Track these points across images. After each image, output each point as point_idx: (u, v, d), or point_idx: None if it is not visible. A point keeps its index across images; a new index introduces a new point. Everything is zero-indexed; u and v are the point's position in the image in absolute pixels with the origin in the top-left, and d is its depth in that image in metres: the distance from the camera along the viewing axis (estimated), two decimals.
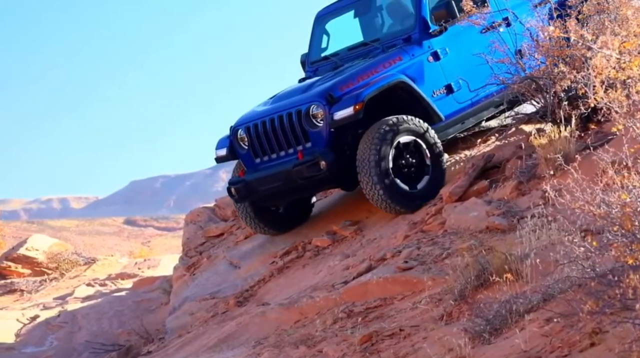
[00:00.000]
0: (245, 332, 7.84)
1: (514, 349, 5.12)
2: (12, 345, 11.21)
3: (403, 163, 8.88)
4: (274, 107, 9.24)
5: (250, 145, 9.26)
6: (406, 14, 9.75)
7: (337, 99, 8.88)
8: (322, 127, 8.88)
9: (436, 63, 9.36)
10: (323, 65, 10.01)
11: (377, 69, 9.14)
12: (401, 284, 7.32)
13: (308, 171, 8.82)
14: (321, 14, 10.32)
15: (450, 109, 9.36)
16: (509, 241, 6.82)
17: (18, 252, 16.39)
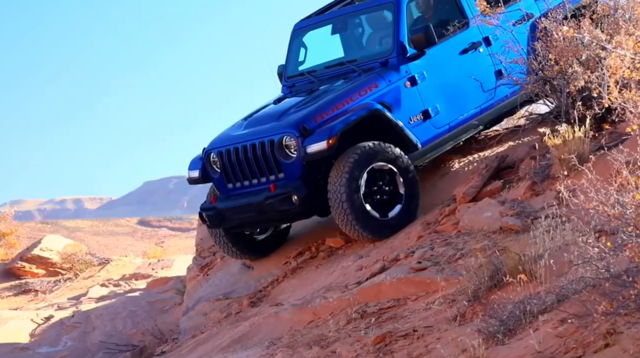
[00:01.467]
0: (258, 332, 7.84)
1: (528, 350, 5.11)
2: (26, 345, 11.25)
3: (375, 189, 8.75)
4: (248, 133, 9.04)
5: (222, 170, 9.10)
6: (385, 34, 9.52)
7: (311, 131, 8.72)
8: (295, 159, 8.73)
9: (413, 88, 9.17)
10: (300, 81, 9.79)
11: (352, 97, 8.95)
12: (415, 285, 7.32)
13: (280, 205, 8.70)
14: (299, 27, 10.05)
15: (427, 135, 9.20)
16: (522, 242, 6.80)
17: (32, 253, 16.44)
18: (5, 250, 18.39)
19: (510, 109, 9.75)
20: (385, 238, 8.72)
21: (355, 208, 8.59)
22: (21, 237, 20.43)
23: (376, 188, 8.76)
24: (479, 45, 9.49)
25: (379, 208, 8.76)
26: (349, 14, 9.84)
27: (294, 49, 10.01)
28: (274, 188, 8.71)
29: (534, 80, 8.97)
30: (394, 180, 8.82)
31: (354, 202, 8.59)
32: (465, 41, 9.45)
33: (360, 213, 8.63)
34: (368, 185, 8.69)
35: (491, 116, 9.61)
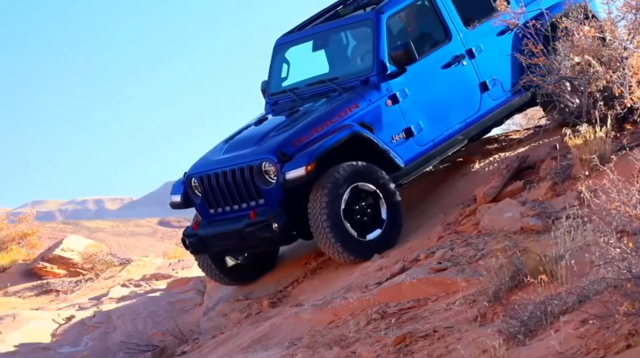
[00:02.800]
0: (278, 332, 7.85)
1: (549, 351, 5.09)
2: (48, 345, 11.29)
3: (357, 211, 8.62)
4: (227, 158, 8.91)
5: (204, 196, 8.96)
6: (365, 52, 9.33)
7: (290, 156, 8.58)
8: (274, 185, 8.60)
9: (395, 107, 9.00)
10: (283, 99, 9.60)
11: (332, 118, 8.79)
12: (435, 285, 7.31)
13: (260, 232, 8.58)
14: (280, 42, 9.84)
15: (411, 154, 9.05)
16: (543, 242, 6.78)
17: (54, 253, 16.51)
18: (27, 251, 18.48)
19: (497, 120, 9.60)
20: (367, 259, 8.54)
21: (336, 230, 8.46)
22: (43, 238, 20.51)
23: (357, 209, 8.60)
24: (462, 58, 9.29)
25: (360, 230, 8.61)
26: (329, 31, 9.65)
27: (276, 65, 9.82)
28: (254, 215, 8.59)
29: (555, 80, 8.94)
30: (376, 200, 8.67)
31: (335, 225, 8.45)
32: (448, 55, 9.27)
33: (341, 235, 8.50)
34: (349, 207, 8.54)
35: (477, 129, 9.41)
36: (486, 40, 9.42)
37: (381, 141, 8.85)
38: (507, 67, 9.43)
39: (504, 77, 9.43)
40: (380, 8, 9.21)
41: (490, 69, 9.35)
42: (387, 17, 9.17)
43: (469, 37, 9.37)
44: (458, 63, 9.28)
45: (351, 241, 8.58)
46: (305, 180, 8.50)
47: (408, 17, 9.49)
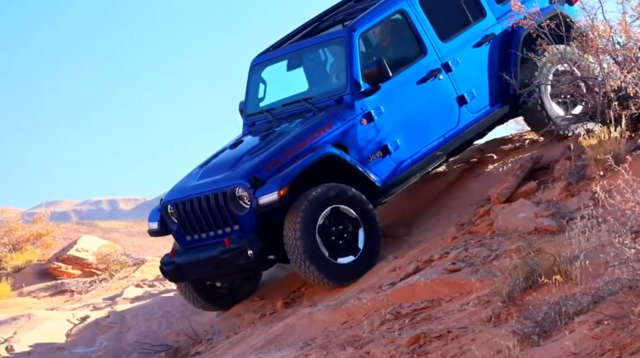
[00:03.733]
0: (292, 333, 7.85)
1: (563, 351, 5.08)
2: (63, 345, 11.32)
3: (333, 234, 8.48)
4: (202, 184, 8.81)
5: (180, 222, 8.88)
6: (339, 70, 9.17)
7: (262, 181, 8.46)
8: (248, 210, 8.47)
9: (370, 125, 8.84)
10: (260, 119, 9.46)
11: (306, 140, 8.66)
12: (449, 286, 7.30)
13: (235, 259, 8.46)
14: (256, 62, 9.70)
15: (389, 172, 8.90)
16: (558, 242, 6.76)
17: (68, 253, 16.54)
18: (41, 251, 18.53)
19: (477, 134, 9.47)
20: (347, 283, 8.43)
21: (311, 255, 8.32)
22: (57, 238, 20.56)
23: (334, 232, 8.47)
24: (438, 72, 9.13)
25: (338, 253, 8.49)
26: (302, 50, 9.49)
27: (253, 85, 9.69)
28: (229, 242, 8.48)
29: (570, 80, 8.92)
30: (353, 222, 8.54)
31: (311, 250, 8.32)
32: (423, 70, 9.11)
33: (317, 260, 8.36)
34: (325, 230, 8.42)
35: (457, 144, 9.27)
36: (463, 52, 9.25)
37: (357, 161, 8.70)
38: (485, 79, 9.27)
39: (482, 89, 9.28)
40: (353, 25, 9.04)
41: (468, 82, 9.19)
42: (360, 34, 9.00)
43: (445, 51, 9.20)
44: (434, 77, 9.11)
45: (328, 266, 8.42)
46: (278, 205, 8.37)
47: (383, 33, 9.32)
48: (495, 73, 9.30)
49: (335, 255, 8.49)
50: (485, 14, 9.41)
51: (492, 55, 9.33)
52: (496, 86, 9.31)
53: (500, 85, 9.29)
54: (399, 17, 9.20)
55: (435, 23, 9.23)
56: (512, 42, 9.30)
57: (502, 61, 9.30)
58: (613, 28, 8.58)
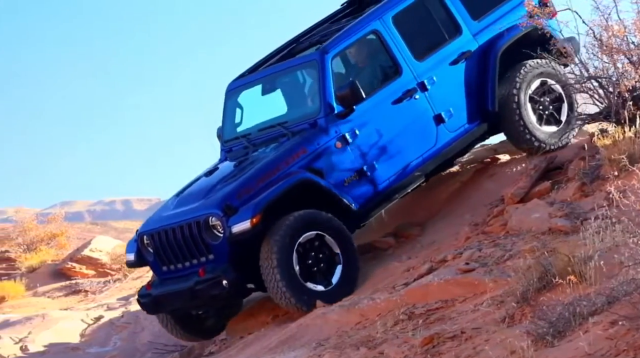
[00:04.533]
0: (306, 333, 7.85)
1: (577, 352, 5.07)
2: (77, 345, 11.35)
3: (311, 260, 8.31)
4: (176, 213, 8.67)
5: (155, 253, 8.73)
6: (313, 93, 8.99)
7: (235, 209, 8.28)
8: (222, 239, 8.29)
9: (345, 148, 8.69)
10: (236, 145, 9.30)
11: (279, 166, 8.51)
12: (462, 286, 7.29)
13: (210, 289, 8.30)
14: (232, 87, 9.53)
15: (366, 195, 8.74)
16: (572, 243, 6.74)
17: (82, 253, 16.59)
18: (55, 251, 18.59)
19: (457, 153, 9.32)
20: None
21: (289, 284, 8.17)
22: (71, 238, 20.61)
23: (311, 259, 8.31)
24: (414, 92, 8.97)
25: (319, 280, 8.34)
26: (275, 74, 9.33)
27: (229, 111, 9.52)
28: (203, 272, 8.33)
29: (584, 79, 8.89)
30: (329, 247, 8.37)
31: (288, 277, 8.15)
32: (399, 90, 8.94)
33: (295, 287, 8.19)
34: (302, 257, 8.26)
35: (436, 163, 9.12)
36: (439, 71, 9.10)
37: (332, 185, 8.55)
38: (463, 96, 9.14)
39: (460, 107, 9.14)
40: (325, 47, 8.89)
41: (445, 100, 9.05)
42: (333, 57, 8.85)
43: (420, 70, 9.05)
44: (410, 97, 8.95)
45: (306, 293, 8.25)
46: (252, 233, 8.21)
47: (357, 54, 9.18)
48: (473, 90, 9.15)
49: (308, 280, 8.31)
50: (461, 31, 9.23)
51: (469, 72, 9.18)
52: (474, 103, 9.17)
53: (478, 102, 9.15)
54: (372, 37, 9.06)
55: (409, 42, 9.08)
56: (489, 58, 9.18)
57: (480, 77, 9.17)
58: (627, 28, 8.54)
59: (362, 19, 9.12)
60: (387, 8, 9.14)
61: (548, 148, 9.25)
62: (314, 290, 8.29)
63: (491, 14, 9.41)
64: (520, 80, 9.18)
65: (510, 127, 9.28)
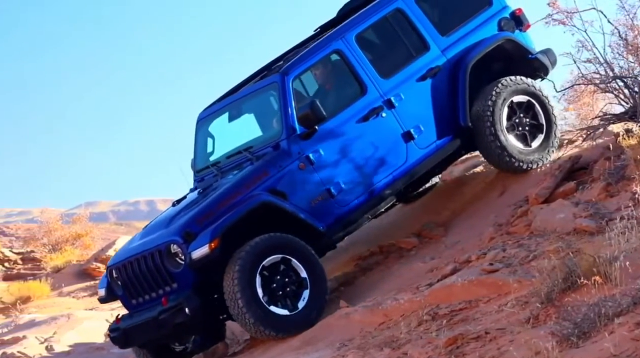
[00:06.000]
0: (329, 334, 7.86)
1: (603, 353, 5.05)
2: (101, 345, 11.41)
3: (276, 284, 8.13)
4: (140, 244, 8.58)
5: (123, 286, 8.62)
6: (276, 116, 8.85)
7: (195, 235, 8.15)
8: (184, 267, 8.16)
9: (309, 169, 8.52)
10: (207, 174, 9.16)
11: (240, 190, 8.36)
12: (487, 287, 7.27)
13: (174, 318, 8.13)
14: (202, 117, 9.44)
15: (333, 216, 8.57)
16: (597, 243, 6.71)
17: (107, 254, 16.68)
18: (80, 251, 18.70)
19: (430, 170, 9.15)
20: (292, 335, 8.09)
21: (253, 310, 8.00)
22: (96, 238, 20.74)
23: (275, 284, 8.12)
24: (380, 110, 8.81)
25: (285, 304, 8.16)
26: (239, 100, 9.21)
27: (201, 140, 9.44)
28: (166, 301, 8.19)
29: (609, 79, 8.85)
30: (296, 271, 8.20)
31: (251, 301, 7.99)
32: (364, 108, 8.79)
33: (259, 314, 8.03)
34: (266, 281, 8.09)
35: (407, 181, 8.96)
36: (406, 87, 8.95)
37: (296, 207, 8.41)
38: (433, 112, 8.97)
39: (429, 123, 8.96)
40: (285, 69, 8.77)
41: (413, 117, 8.89)
42: (293, 78, 8.73)
43: (386, 87, 8.90)
44: (376, 115, 8.79)
45: (271, 318, 8.07)
46: (211, 258, 8.04)
47: (322, 74, 9.06)
48: (444, 106, 9.00)
49: (273, 304, 8.13)
50: (429, 47, 9.08)
51: (439, 88, 9.02)
52: (446, 119, 9.01)
53: (450, 117, 9.00)
54: (335, 57, 8.94)
55: (374, 60, 8.95)
56: (459, 73, 9.02)
57: (451, 93, 9.03)
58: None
59: (324, 39, 8.98)
60: (349, 27, 9.00)
61: (526, 166, 9.10)
62: (278, 315, 8.09)
63: (460, 29, 9.23)
64: (495, 96, 8.99)
65: (485, 144, 9.09)
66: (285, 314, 8.14)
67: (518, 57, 9.27)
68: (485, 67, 9.14)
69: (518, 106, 9.13)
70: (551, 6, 9.05)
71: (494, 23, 9.32)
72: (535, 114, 9.19)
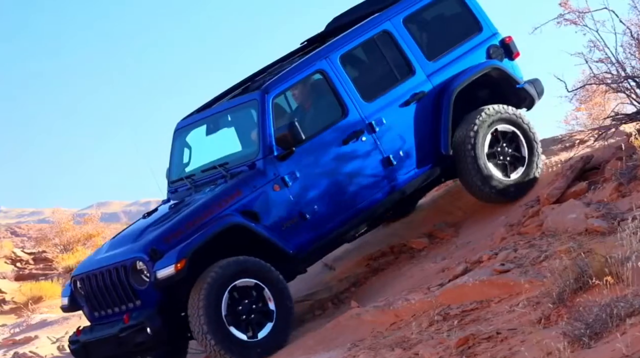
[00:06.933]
0: (340, 334, 7.86)
1: (615, 354, 5.04)
2: None
3: (241, 309, 7.97)
4: (107, 257, 8.40)
5: (86, 298, 8.47)
6: (254, 134, 8.66)
7: (161, 253, 7.97)
8: (149, 285, 8.00)
9: (284, 191, 8.35)
10: (182, 186, 9.00)
11: (212, 209, 8.19)
12: (498, 287, 7.26)
13: (135, 337, 7.99)
14: (180, 126, 9.27)
15: (305, 240, 8.40)
16: (609, 243, 6.70)
17: None
18: (92, 252, 18.71)
19: (406, 197, 8.97)
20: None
21: (216, 333, 7.82)
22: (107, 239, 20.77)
23: (241, 307, 7.99)
24: (360, 134, 8.64)
25: (246, 329, 7.99)
26: (218, 114, 9.01)
27: (177, 150, 9.24)
28: (128, 318, 8.03)
29: (621, 79, 8.83)
30: (262, 296, 8.05)
31: (215, 327, 7.83)
32: (345, 131, 8.62)
33: (223, 338, 7.85)
34: (232, 306, 7.95)
35: (383, 208, 8.78)
36: (389, 112, 8.77)
37: (267, 229, 8.25)
38: (414, 139, 8.82)
39: (410, 150, 8.81)
40: (266, 87, 8.57)
41: (394, 143, 8.73)
42: (274, 97, 8.54)
43: (368, 111, 8.71)
44: (357, 139, 8.62)
45: (234, 344, 7.91)
46: (177, 279, 7.89)
47: (303, 94, 8.85)
48: (426, 133, 8.84)
49: (233, 325, 7.97)
50: (415, 72, 8.91)
51: (422, 114, 8.85)
52: (427, 146, 8.85)
53: (431, 145, 8.85)
54: (318, 76, 8.75)
55: (358, 82, 8.78)
56: (443, 100, 8.84)
57: (433, 120, 8.87)
58: None
59: (308, 58, 8.80)
60: (334, 47, 8.84)
61: (501, 198, 8.97)
62: (237, 338, 7.94)
63: (448, 55, 9.06)
64: (478, 124, 8.83)
65: (465, 173, 8.93)
66: (243, 339, 7.97)
67: (505, 86, 9.12)
68: (470, 94, 8.98)
69: (502, 135, 8.96)
70: (563, 6, 9.03)
71: (483, 50, 9.15)
72: (518, 145, 9.00)
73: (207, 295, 7.86)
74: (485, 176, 8.89)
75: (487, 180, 8.91)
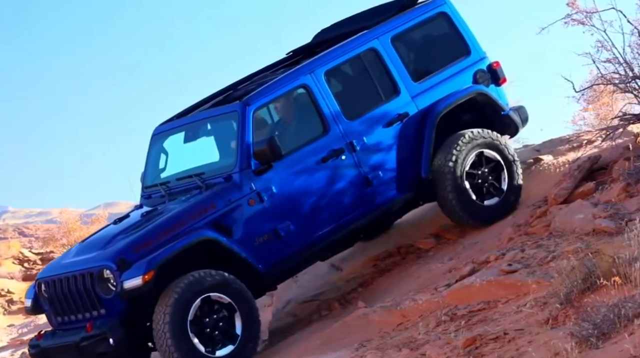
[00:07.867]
0: (347, 334, 7.86)
1: (623, 354, 5.03)
2: None
3: (207, 324, 7.84)
4: (73, 262, 8.23)
5: (50, 302, 8.29)
6: (232, 144, 8.48)
7: (129, 263, 7.84)
8: (115, 294, 7.86)
9: (259, 206, 8.20)
10: (156, 193, 8.81)
11: (184, 220, 8.04)
12: (505, 287, 7.26)
13: (96, 347, 7.85)
14: (158, 131, 9.09)
15: (277, 257, 8.25)
16: (616, 244, 6.69)
17: None
18: None
19: (382, 218, 8.89)
20: None
21: (181, 349, 7.70)
22: None
23: (208, 319, 7.85)
24: (340, 152, 8.49)
25: (206, 343, 7.83)
26: (197, 122, 8.86)
27: (153, 155, 9.05)
28: (91, 327, 7.89)
29: (629, 79, 8.82)
30: (232, 317, 7.92)
31: (180, 342, 7.70)
32: (324, 149, 8.47)
33: (187, 352, 7.72)
34: (198, 321, 7.81)
35: (358, 229, 8.65)
36: (371, 132, 8.64)
37: (238, 245, 8.11)
38: (395, 161, 8.68)
39: (390, 171, 8.67)
40: (247, 99, 8.40)
41: (374, 164, 8.60)
42: (255, 110, 8.39)
43: (350, 129, 8.57)
44: (336, 158, 8.47)
45: (191, 352, 7.76)
46: (143, 290, 7.78)
47: (285, 108, 8.71)
48: (407, 155, 8.70)
49: (196, 336, 7.81)
50: (400, 92, 8.76)
51: (404, 136, 8.70)
52: (407, 169, 8.72)
53: (411, 168, 8.72)
54: (301, 91, 8.60)
55: (341, 99, 8.63)
56: (426, 123, 8.70)
57: (416, 142, 8.71)
58: None
59: (292, 72, 8.66)
60: (320, 62, 8.69)
61: (472, 222, 8.87)
62: (197, 349, 7.81)
63: (434, 76, 8.92)
64: (458, 150, 8.69)
65: (443, 198, 8.80)
66: (202, 352, 7.83)
67: (490, 112, 9.00)
68: (454, 118, 8.87)
69: (486, 161, 8.82)
70: (570, 6, 9.01)
71: (470, 74, 9.01)
72: (499, 176, 8.86)
73: (173, 312, 7.73)
74: (463, 202, 8.75)
75: (464, 206, 8.76)
